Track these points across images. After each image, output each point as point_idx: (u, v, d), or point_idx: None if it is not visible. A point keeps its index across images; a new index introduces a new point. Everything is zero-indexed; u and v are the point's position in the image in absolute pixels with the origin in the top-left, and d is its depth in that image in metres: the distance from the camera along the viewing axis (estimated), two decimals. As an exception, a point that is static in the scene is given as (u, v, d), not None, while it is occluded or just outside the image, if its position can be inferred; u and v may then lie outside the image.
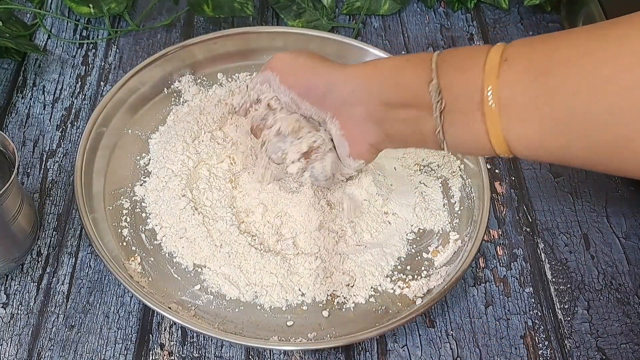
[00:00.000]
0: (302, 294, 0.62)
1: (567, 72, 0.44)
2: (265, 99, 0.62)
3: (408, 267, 0.64)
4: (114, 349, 0.59)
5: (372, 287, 0.63)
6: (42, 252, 0.65)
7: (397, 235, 0.66)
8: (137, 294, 0.57)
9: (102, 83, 0.79)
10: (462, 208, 0.68)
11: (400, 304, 0.62)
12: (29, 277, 0.63)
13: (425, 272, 0.64)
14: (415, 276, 0.64)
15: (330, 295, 0.62)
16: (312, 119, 0.60)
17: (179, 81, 0.76)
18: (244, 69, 0.78)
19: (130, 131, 0.72)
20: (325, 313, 0.61)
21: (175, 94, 0.76)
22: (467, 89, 0.49)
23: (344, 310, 0.61)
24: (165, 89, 0.76)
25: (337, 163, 0.61)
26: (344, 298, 0.62)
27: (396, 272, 0.64)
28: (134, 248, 0.64)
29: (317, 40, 0.78)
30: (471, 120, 0.49)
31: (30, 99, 0.77)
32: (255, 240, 0.63)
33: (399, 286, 0.63)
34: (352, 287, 0.62)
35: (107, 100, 0.70)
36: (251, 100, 0.63)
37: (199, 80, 0.77)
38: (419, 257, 0.65)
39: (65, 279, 0.63)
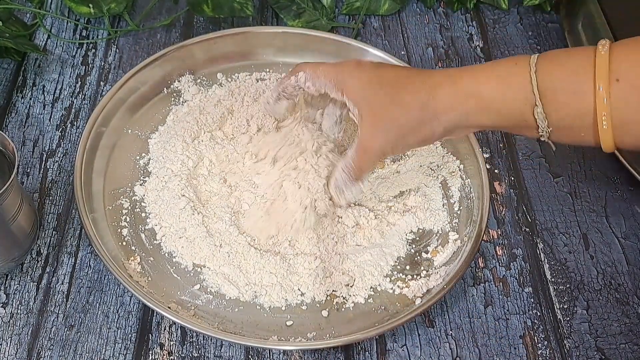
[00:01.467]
0: (302, 294, 0.62)
1: None
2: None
3: (407, 267, 0.64)
4: (114, 349, 0.59)
5: (371, 287, 0.63)
6: (41, 251, 0.65)
7: (397, 235, 0.66)
8: (137, 293, 0.57)
9: (101, 83, 0.79)
10: (461, 208, 0.68)
11: (399, 304, 0.62)
12: (28, 276, 0.63)
13: (424, 272, 0.64)
14: (415, 276, 0.64)
15: (330, 295, 0.62)
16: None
17: (179, 81, 0.76)
18: (244, 69, 0.78)
19: (129, 131, 0.72)
20: (324, 313, 0.61)
21: (174, 94, 0.76)
22: (576, 114, 0.48)
23: (343, 310, 0.61)
24: (165, 88, 0.76)
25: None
26: (344, 298, 0.62)
27: (395, 272, 0.64)
28: (133, 248, 0.64)
29: (317, 40, 0.78)
30: (580, 135, 0.50)
31: (30, 98, 0.77)
32: (254, 240, 0.63)
33: (398, 286, 0.63)
34: (351, 287, 0.62)
35: (106, 100, 0.70)
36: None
37: (198, 80, 0.77)
38: (419, 257, 0.65)
39: (65, 278, 0.63)
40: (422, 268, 0.64)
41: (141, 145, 0.71)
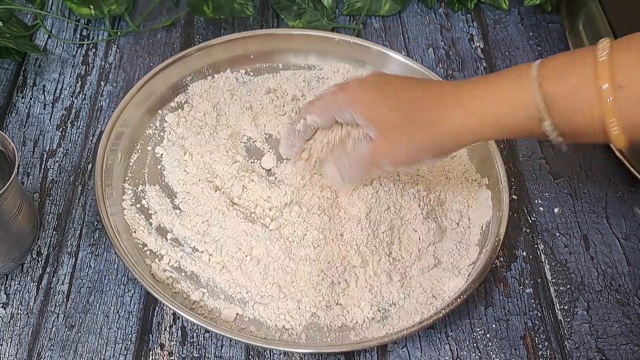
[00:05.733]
0: (304, 295, 0.61)
1: None
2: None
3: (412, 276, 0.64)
4: (114, 349, 0.59)
5: (373, 293, 0.62)
6: (42, 251, 0.65)
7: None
8: (159, 296, 0.58)
9: (102, 83, 0.79)
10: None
11: (402, 314, 0.61)
12: (29, 276, 0.63)
13: (430, 284, 0.64)
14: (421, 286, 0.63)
15: (332, 298, 0.62)
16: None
17: (196, 83, 0.76)
18: (263, 71, 0.78)
19: (149, 132, 0.72)
20: (325, 318, 0.60)
21: (190, 97, 0.75)
22: (586, 123, 0.50)
23: (345, 314, 0.61)
24: (182, 91, 0.76)
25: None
26: (345, 302, 0.61)
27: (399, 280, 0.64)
28: (147, 251, 0.64)
29: (333, 44, 0.79)
30: (593, 138, 0.51)
31: (31, 98, 0.77)
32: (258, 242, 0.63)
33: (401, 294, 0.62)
34: (353, 291, 0.62)
35: (126, 101, 0.70)
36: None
37: (214, 83, 0.77)
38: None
39: (65, 278, 0.63)
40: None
41: (159, 146, 0.71)
